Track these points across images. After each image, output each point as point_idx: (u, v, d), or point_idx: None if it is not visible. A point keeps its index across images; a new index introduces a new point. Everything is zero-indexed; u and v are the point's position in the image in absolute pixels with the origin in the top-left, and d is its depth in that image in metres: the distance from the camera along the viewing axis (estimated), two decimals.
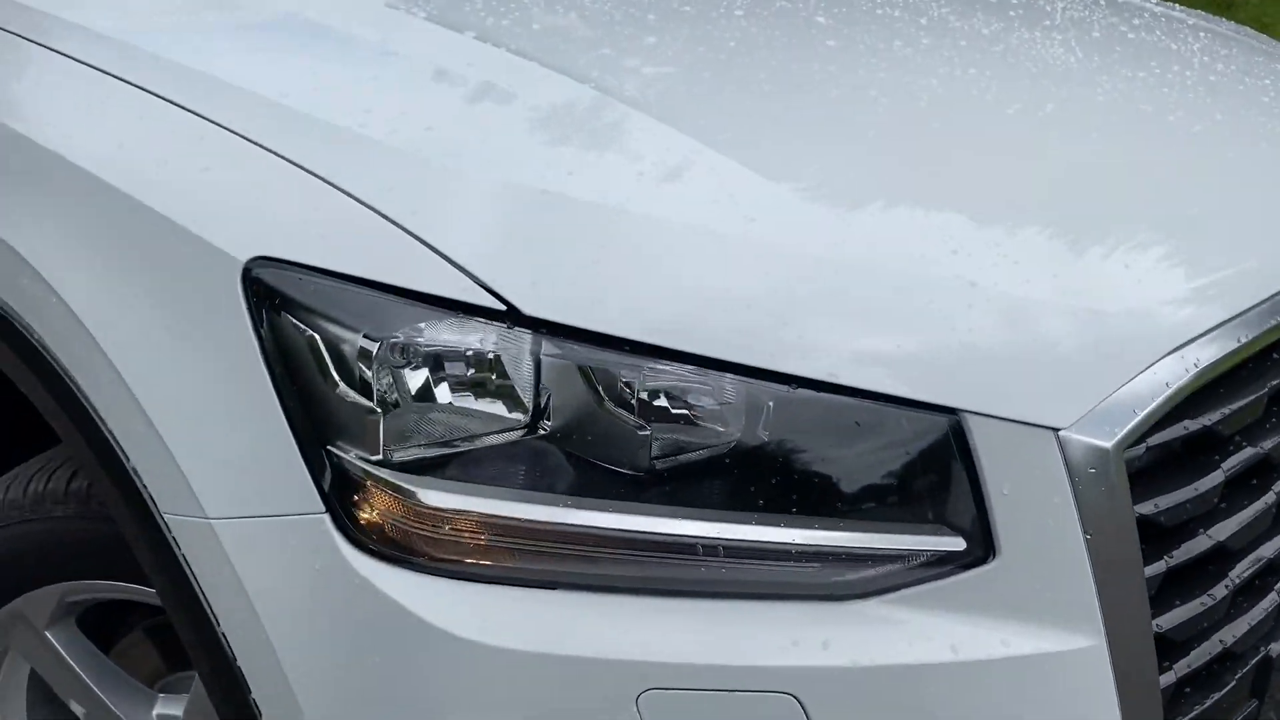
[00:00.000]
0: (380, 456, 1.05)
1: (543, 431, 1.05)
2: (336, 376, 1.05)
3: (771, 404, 1.04)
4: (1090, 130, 1.44)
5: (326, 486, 1.05)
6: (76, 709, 1.65)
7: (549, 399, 1.04)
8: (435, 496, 1.04)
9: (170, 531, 1.14)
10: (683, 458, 1.06)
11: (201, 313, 1.10)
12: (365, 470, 1.05)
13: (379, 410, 1.04)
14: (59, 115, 1.28)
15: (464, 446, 1.05)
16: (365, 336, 1.04)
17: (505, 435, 1.05)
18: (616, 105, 1.27)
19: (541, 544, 1.03)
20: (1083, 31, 1.86)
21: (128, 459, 1.17)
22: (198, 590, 1.14)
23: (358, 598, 1.03)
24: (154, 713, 1.61)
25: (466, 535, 1.04)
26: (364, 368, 1.05)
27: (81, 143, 1.23)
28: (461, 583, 1.03)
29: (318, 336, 1.05)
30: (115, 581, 1.48)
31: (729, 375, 1.03)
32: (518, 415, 1.04)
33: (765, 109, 1.33)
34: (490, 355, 1.03)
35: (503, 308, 1.03)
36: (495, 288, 1.03)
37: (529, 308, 1.03)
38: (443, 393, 1.04)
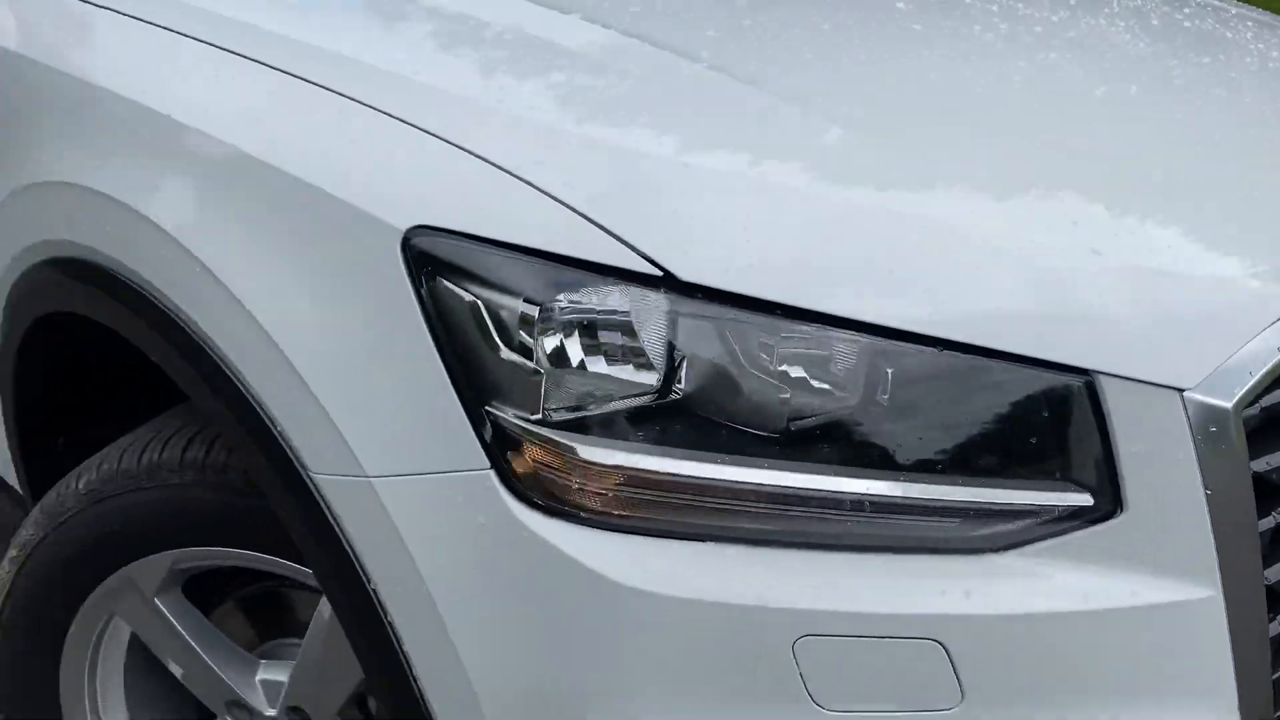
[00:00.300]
0: (539, 416, 1.09)
1: (687, 393, 1.09)
2: (497, 339, 1.10)
3: (913, 365, 1.09)
4: (1174, 111, 1.50)
5: (488, 444, 1.10)
6: (175, 669, 1.68)
7: (696, 362, 1.09)
8: (595, 453, 1.08)
9: (320, 491, 1.18)
10: (818, 418, 1.11)
11: (359, 280, 1.14)
12: (524, 429, 1.10)
13: (539, 372, 1.09)
14: (199, 94, 1.32)
15: (617, 406, 1.10)
16: (525, 301, 1.09)
17: (654, 396, 1.09)
18: (733, 83, 1.32)
19: (696, 498, 1.08)
20: (1142, 19, 1.92)
21: (274, 424, 1.21)
22: (347, 548, 1.18)
23: (523, 548, 1.08)
24: (257, 678, 1.65)
25: (624, 490, 1.08)
26: (524, 331, 1.09)
27: (221, 118, 1.28)
28: (619, 535, 1.08)
29: (478, 301, 1.10)
30: (229, 548, 1.52)
31: (871, 338, 1.08)
32: (666, 377, 1.09)
33: (873, 87, 1.38)
34: (645, 320, 1.08)
35: (659, 273, 1.07)
36: (651, 254, 1.08)
37: (685, 273, 1.07)
38: (599, 355, 1.08)
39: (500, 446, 1.10)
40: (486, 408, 1.11)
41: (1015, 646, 1.08)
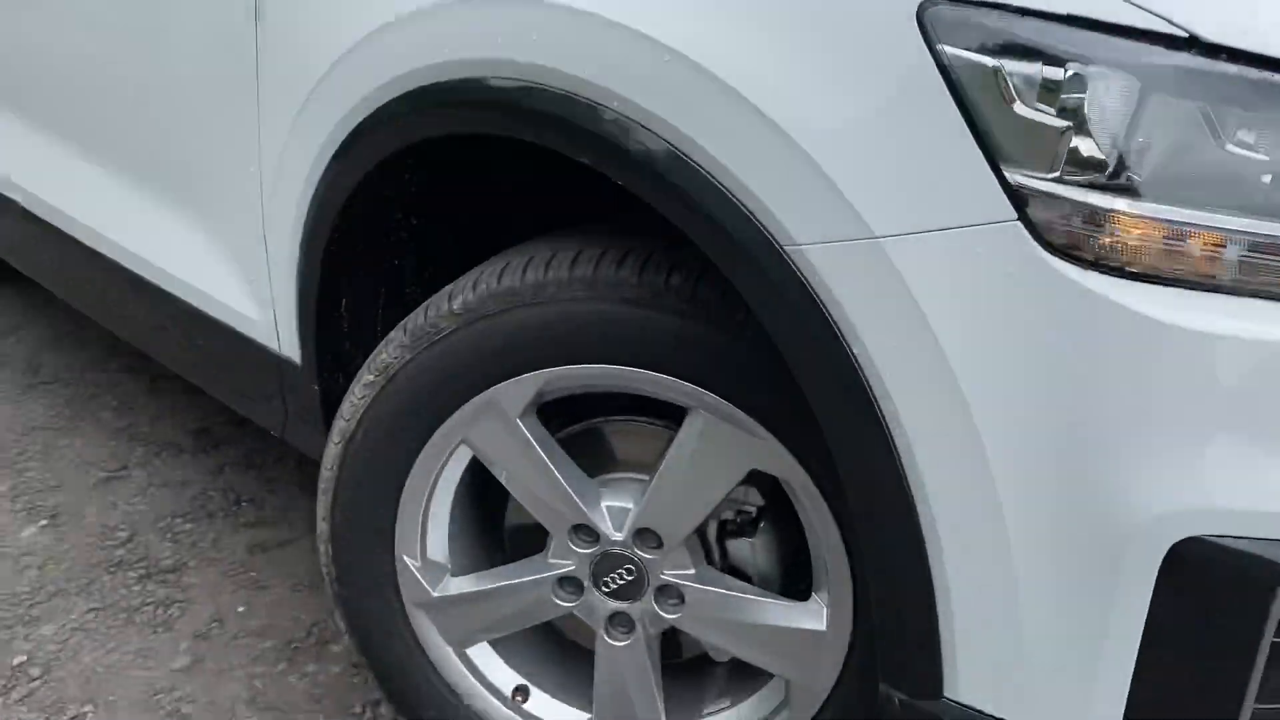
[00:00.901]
0: (1057, 174, 1.15)
1: (1193, 149, 1.15)
2: (1017, 100, 1.15)
3: None
4: None
5: (1015, 196, 1.15)
6: (521, 495, 1.73)
7: (1208, 121, 1.14)
8: (1116, 203, 1.14)
9: (799, 261, 1.24)
10: None
11: (869, 51, 1.20)
12: (1041, 186, 1.15)
13: (1059, 130, 1.14)
14: None
15: (1129, 163, 1.15)
16: (1046, 64, 1.15)
17: (1164, 153, 1.15)
18: None
19: (1211, 249, 1.14)
20: None
21: (745, 204, 1.26)
22: (827, 315, 1.24)
23: (1055, 293, 1.13)
24: (603, 504, 1.70)
25: (1146, 240, 1.14)
26: (1044, 93, 1.15)
27: None
28: (1143, 282, 1.14)
29: (1000, 65, 1.15)
30: (612, 365, 1.56)
31: None
32: (1181, 132, 1.14)
33: None
34: (1165, 79, 1.13)
35: (1184, 34, 1.13)
36: (1173, 18, 1.13)
37: (1210, 34, 1.13)
38: (1116, 114, 1.14)
39: (1019, 202, 1.16)
40: (1001, 166, 1.16)
41: None
